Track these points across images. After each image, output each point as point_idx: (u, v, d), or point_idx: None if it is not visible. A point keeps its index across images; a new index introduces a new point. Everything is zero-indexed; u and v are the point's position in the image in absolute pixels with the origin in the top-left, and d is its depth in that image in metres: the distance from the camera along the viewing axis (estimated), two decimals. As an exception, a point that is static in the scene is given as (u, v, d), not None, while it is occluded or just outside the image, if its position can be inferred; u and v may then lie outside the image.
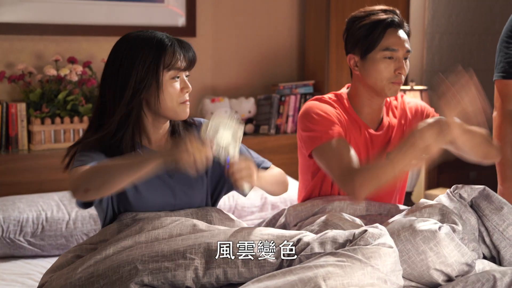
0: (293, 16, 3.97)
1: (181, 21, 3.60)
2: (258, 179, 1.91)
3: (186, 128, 2.08)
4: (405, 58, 2.27)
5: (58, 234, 2.71)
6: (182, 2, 3.59)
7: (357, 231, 1.70)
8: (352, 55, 2.30)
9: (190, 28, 3.61)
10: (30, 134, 3.13)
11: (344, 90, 2.39)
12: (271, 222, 2.38)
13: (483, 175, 4.42)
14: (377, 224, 1.74)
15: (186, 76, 1.99)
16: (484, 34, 4.56)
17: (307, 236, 1.76)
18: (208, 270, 1.69)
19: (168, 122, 2.05)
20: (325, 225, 2.00)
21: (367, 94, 2.31)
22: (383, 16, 2.26)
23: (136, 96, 1.91)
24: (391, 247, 1.66)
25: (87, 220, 2.75)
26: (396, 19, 2.25)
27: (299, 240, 1.75)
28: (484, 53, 4.55)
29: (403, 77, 2.27)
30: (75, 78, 3.15)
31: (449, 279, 1.82)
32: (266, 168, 2.12)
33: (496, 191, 2.53)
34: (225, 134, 1.80)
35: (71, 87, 3.17)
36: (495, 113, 2.57)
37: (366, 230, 1.69)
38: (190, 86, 1.97)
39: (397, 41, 2.24)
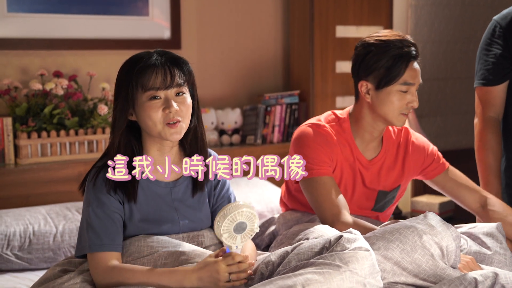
0: (277, 27, 4.00)
1: (166, 33, 3.62)
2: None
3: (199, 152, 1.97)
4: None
5: (46, 248, 2.71)
6: (167, 14, 3.61)
7: (332, 237, 1.73)
8: (365, 82, 2.23)
9: (175, 40, 3.62)
10: (16, 148, 3.13)
11: (347, 110, 2.34)
12: (260, 230, 2.39)
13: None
14: (351, 229, 1.78)
15: (179, 95, 1.87)
16: (466, 42, 4.62)
17: (283, 249, 1.80)
18: None
19: (177, 147, 1.98)
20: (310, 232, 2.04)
21: (372, 121, 2.27)
22: (404, 49, 2.19)
23: (123, 118, 1.87)
24: (368, 250, 1.69)
25: (74, 233, 2.75)
26: (414, 52, 2.20)
27: (275, 254, 1.78)
28: (467, 61, 4.61)
29: None
30: (60, 92, 3.16)
31: (442, 254, 1.83)
32: None
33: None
34: (241, 224, 1.76)
35: (57, 101, 3.18)
36: (476, 120, 2.61)
37: (341, 236, 1.72)
38: (174, 106, 1.83)
39: (414, 74, 2.21)
